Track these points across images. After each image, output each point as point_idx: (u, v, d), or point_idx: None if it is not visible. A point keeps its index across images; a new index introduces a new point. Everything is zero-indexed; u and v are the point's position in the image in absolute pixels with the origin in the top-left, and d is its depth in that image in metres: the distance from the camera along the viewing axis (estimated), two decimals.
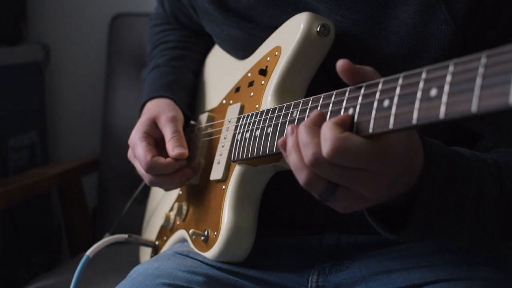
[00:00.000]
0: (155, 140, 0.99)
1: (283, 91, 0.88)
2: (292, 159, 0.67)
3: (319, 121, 0.66)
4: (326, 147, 0.61)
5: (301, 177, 0.66)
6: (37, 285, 1.29)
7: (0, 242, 1.58)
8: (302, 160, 0.65)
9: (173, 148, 0.95)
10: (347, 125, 0.64)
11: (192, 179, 0.99)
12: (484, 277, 0.84)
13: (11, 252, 1.62)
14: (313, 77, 0.89)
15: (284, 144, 0.68)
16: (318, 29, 0.86)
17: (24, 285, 1.32)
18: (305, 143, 0.64)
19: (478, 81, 0.51)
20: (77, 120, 1.90)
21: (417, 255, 0.90)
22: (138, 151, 0.95)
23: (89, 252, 1.02)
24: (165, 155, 0.95)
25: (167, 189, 1.01)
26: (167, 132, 0.97)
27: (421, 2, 0.83)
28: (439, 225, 0.75)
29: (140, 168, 0.98)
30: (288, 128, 0.68)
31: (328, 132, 0.62)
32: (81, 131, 1.90)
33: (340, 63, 0.65)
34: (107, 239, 1.05)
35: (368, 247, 0.94)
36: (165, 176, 0.96)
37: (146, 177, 0.98)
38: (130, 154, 1.01)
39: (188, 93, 1.12)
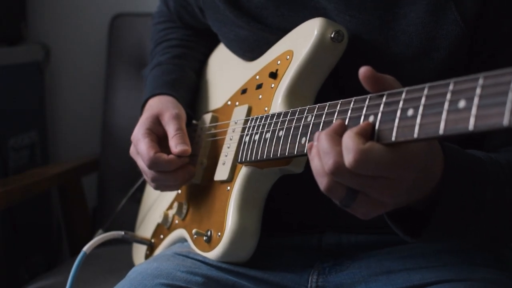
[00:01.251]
0: (158, 137, 0.98)
1: (294, 95, 0.88)
2: (314, 165, 0.68)
3: (340, 130, 0.67)
4: (349, 158, 0.62)
5: (322, 183, 0.67)
6: (37, 285, 1.29)
7: (0, 242, 1.58)
8: (323, 167, 0.66)
9: (176, 145, 0.95)
10: (368, 133, 0.64)
11: (193, 178, 0.99)
12: (484, 278, 0.84)
13: (11, 252, 1.62)
14: (323, 82, 0.89)
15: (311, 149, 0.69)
16: (332, 35, 0.86)
17: (24, 285, 1.32)
18: (326, 151, 0.65)
19: (511, 95, 0.51)
20: (77, 120, 1.90)
21: (418, 256, 0.90)
22: (141, 147, 0.95)
23: (85, 248, 1.02)
24: (168, 152, 0.95)
25: (168, 187, 1.01)
26: (171, 129, 0.97)
27: (430, 2, 0.83)
28: (454, 229, 0.76)
29: (142, 165, 0.97)
30: (315, 134, 0.69)
31: (350, 142, 0.62)
32: (81, 131, 1.90)
33: (363, 70, 0.66)
34: (103, 236, 1.05)
35: (368, 247, 0.94)
36: (167, 173, 0.96)
37: (148, 173, 0.97)
38: (132, 150, 1.01)
39: (190, 93, 1.12)
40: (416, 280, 0.85)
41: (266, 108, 0.91)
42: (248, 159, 0.87)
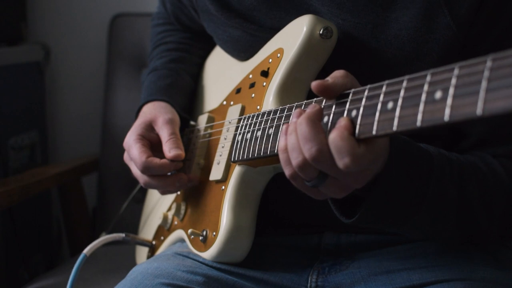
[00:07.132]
0: (150, 142, 0.99)
1: (285, 93, 0.88)
2: (290, 141, 0.68)
3: (320, 116, 0.68)
4: (344, 161, 0.63)
5: (296, 159, 0.68)
6: (37, 285, 1.29)
7: (0, 242, 1.58)
8: (301, 149, 0.66)
9: (170, 150, 0.95)
10: (351, 130, 0.65)
11: (191, 180, 0.99)
12: (484, 277, 0.84)
13: (11, 252, 1.62)
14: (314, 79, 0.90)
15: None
16: (321, 32, 0.86)
17: (24, 285, 1.32)
18: (307, 137, 0.66)
19: (484, 84, 0.51)
20: (77, 120, 1.90)
21: (417, 256, 0.90)
22: (133, 152, 0.96)
23: (86, 250, 1.02)
24: (161, 157, 0.96)
25: (162, 192, 1.01)
26: (164, 134, 0.97)
27: (423, 7, 0.83)
28: (389, 215, 0.77)
29: (135, 170, 0.98)
30: (293, 113, 0.70)
31: (345, 145, 0.63)
32: (81, 131, 1.90)
33: (313, 85, 0.68)
34: (104, 238, 1.05)
35: (367, 247, 0.94)
36: (160, 178, 0.96)
37: (141, 179, 0.98)
38: (125, 157, 1.01)
39: (185, 96, 1.12)
40: (415, 279, 0.85)
41: (258, 107, 0.91)
42: (240, 158, 0.87)
